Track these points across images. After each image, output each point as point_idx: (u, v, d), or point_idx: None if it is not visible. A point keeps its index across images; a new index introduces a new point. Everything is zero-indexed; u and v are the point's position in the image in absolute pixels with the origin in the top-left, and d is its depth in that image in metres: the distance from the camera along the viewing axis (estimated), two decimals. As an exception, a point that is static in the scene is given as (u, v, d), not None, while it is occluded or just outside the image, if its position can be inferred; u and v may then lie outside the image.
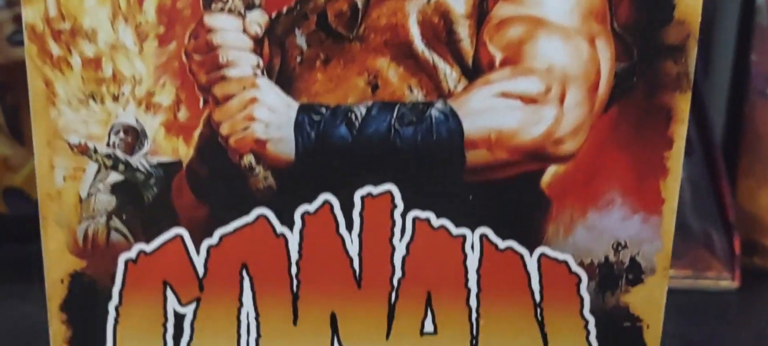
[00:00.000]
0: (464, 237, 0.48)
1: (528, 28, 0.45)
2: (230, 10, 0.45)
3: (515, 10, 0.45)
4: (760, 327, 0.66)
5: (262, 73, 0.46)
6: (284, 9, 0.45)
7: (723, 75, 0.77)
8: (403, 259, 0.48)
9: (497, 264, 0.48)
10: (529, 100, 0.46)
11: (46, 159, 0.46)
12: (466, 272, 0.48)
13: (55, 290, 0.48)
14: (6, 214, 0.69)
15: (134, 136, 0.46)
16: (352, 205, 0.47)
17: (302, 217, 0.47)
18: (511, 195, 0.47)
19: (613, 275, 0.49)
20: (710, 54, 0.78)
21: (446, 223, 0.48)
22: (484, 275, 0.48)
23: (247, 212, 0.47)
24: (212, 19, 0.45)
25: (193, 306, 0.49)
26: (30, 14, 0.44)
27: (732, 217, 0.71)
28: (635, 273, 0.49)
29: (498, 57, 0.45)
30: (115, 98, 0.46)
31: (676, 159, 0.46)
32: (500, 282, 0.48)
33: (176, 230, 0.47)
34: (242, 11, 0.45)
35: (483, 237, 0.48)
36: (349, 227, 0.47)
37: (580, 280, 0.49)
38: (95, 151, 0.46)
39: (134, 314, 0.49)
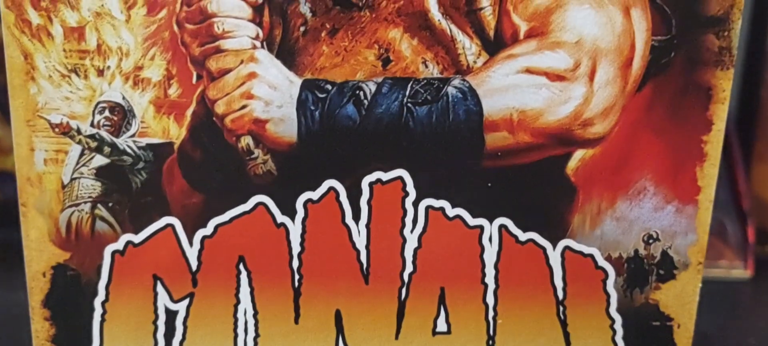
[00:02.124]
0: (481, 228, 0.45)
1: (556, -4, 0.44)
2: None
3: (542, -24, 0.44)
4: (773, 317, 0.66)
5: (262, 45, 0.43)
6: (286, -27, 0.44)
7: (737, 57, 0.72)
8: (415, 252, 0.46)
9: (517, 258, 0.46)
10: (555, 76, 0.43)
11: (25, 140, 0.44)
12: (483, 266, 0.46)
13: (36, 284, 0.46)
14: (-2, 198, 0.69)
15: (121, 115, 0.44)
16: (359, 192, 0.45)
17: (305, 205, 0.45)
18: (533, 182, 0.45)
19: (643, 271, 0.46)
20: (723, 36, 0.75)
21: (462, 213, 0.45)
22: (503, 269, 0.46)
23: (244, 199, 0.45)
24: (207, -16, 0.44)
25: (185, 302, 0.46)
26: (6, -21, 0.42)
27: (746, 204, 0.69)
28: (667, 268, 0.46)
29: (523, 28, 0.43)
30: (100, 73, 0.43)
31: (715, 143, 0.44)
32: (520, 277, 0.46)
33: (167, 220, 0.45)
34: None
35: (502, 228, 0.45)
36: (356, 216, 0.45)
37: (606, 275, 0.46)
38: (78, 131, 0.44)
39: (122, 311, 0.46)
